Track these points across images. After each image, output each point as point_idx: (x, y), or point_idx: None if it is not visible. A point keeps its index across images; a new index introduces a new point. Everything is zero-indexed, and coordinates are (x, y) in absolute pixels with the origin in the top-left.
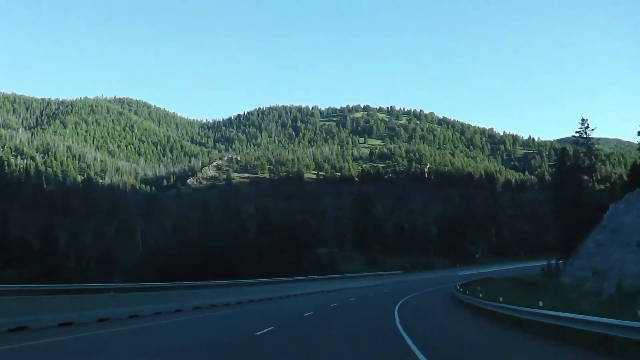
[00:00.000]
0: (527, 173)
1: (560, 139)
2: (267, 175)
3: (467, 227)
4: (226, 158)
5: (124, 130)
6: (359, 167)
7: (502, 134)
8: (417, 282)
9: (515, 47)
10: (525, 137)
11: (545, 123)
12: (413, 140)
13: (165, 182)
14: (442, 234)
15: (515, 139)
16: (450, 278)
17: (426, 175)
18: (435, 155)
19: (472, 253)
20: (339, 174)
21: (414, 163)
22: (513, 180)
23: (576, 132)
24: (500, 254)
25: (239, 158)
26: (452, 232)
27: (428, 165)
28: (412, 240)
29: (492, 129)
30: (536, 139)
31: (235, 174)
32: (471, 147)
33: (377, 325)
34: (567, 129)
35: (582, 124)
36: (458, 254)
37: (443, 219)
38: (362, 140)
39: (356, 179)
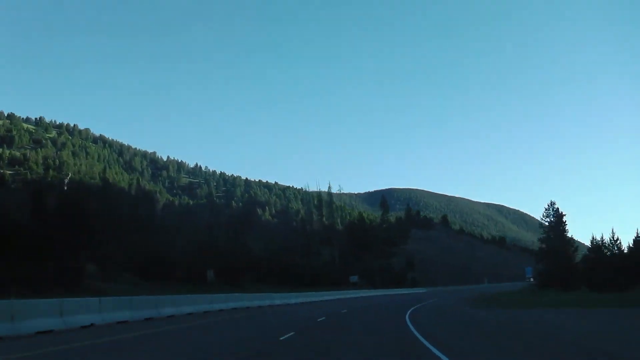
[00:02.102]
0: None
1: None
2: None
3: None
4: None
5: None
6: None
7: (166, 159)
8: None
9: (189, 78)
10: (192, 165)
11: (213, 153)
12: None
13: None
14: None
15: (180, 165)
16: None
17: (66, 188)
18: (81, 165)
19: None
20: None
21: (51, 171)
22: (177, 203)
23: None
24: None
25: None
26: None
27: (70, 175)
28: None
29: (154, 152)
30: (204, 168)
31: None
32: (130, 170)
33: None
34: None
35: None
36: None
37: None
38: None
39: None
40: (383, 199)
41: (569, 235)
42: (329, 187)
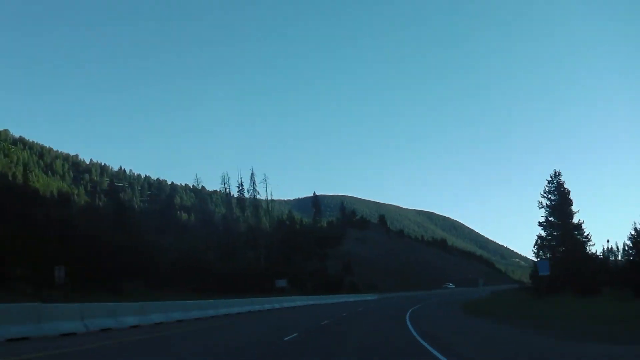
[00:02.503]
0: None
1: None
2: None
3: None
4: None
5: None
6: None
7: (88, 162)
8: None
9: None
10: (116, 168)
11: (138, 156)
12: None
13: None
14: None
15: (103, 169)
16: None
17: None
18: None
19: None
20: None
21: None
22: (100, 204)
23: None
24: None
25: None
26: None
27: None
28: None
29: (77, 155)
30: (128, 171)
31: None
32: (50, 172)
33: None
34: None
35: None
36: None
37: None
38: None
39: None
40: (315, 198)
41: (576, 220)
42: (253, 182)
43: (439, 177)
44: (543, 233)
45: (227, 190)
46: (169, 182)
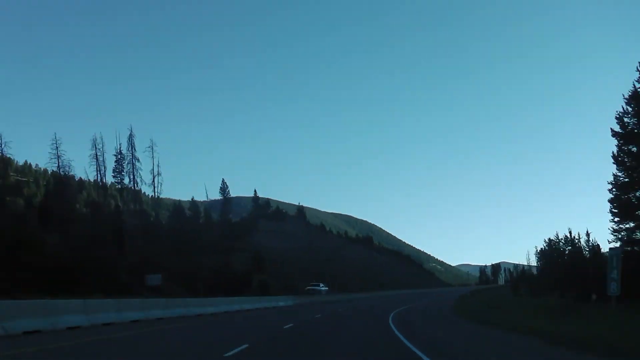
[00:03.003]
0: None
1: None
2: None
3: None
4: None
5: None
6: None
7: None
8: None
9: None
10: (21, 163)
11: (45, 150)
12: None
13: None
14: None
15: (7, 163)
16: None
17: None
18: None
19: None
20: None
21: None
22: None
23: None
24: None
25: None
26: None
27: None
28: None
29: None
30: (34, 166)
31: None
32: None
33: None
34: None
35: None
36: None
37: None
38: None
39: None
40: (223, 184)
41: None
42: (131, 147)
43: (357, 180)
44: (620, 175)
45: (102, 157)
46: (77, 178)
